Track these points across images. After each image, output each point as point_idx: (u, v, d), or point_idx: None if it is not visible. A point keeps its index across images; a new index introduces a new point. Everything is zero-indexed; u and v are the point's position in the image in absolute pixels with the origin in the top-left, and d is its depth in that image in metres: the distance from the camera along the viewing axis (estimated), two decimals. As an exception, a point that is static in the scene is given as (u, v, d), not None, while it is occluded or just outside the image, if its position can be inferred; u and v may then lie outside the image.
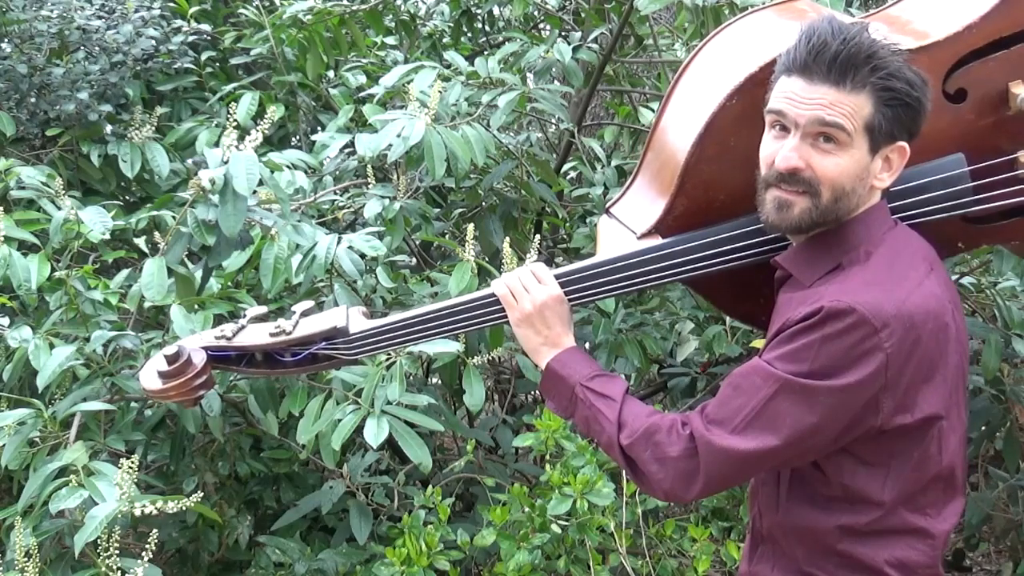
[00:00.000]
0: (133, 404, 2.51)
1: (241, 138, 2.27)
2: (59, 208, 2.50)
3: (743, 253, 1.67)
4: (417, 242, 3.21)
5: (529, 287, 1.69)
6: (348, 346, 1.81)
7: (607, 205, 1.88)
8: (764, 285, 1.66)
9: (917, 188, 1.65)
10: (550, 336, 1.68)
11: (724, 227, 1.68)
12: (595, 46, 3.31)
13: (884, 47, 1.46)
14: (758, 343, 2.82)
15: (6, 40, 3.28)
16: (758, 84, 1.59)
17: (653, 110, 3.57)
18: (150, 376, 1.81)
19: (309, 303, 1.88)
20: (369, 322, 1.82)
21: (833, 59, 1.44)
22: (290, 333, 1.80)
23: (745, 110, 1.62)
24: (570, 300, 1.71)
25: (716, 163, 1.66)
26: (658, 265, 1.71)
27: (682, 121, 1.73)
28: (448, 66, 3.15)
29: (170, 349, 1.78)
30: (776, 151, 1.49)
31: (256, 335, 1.83)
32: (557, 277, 1.71)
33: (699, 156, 1.66)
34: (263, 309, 1.89)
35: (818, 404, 1.43)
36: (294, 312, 1.83)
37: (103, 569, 2.02)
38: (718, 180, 1.67)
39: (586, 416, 1.63)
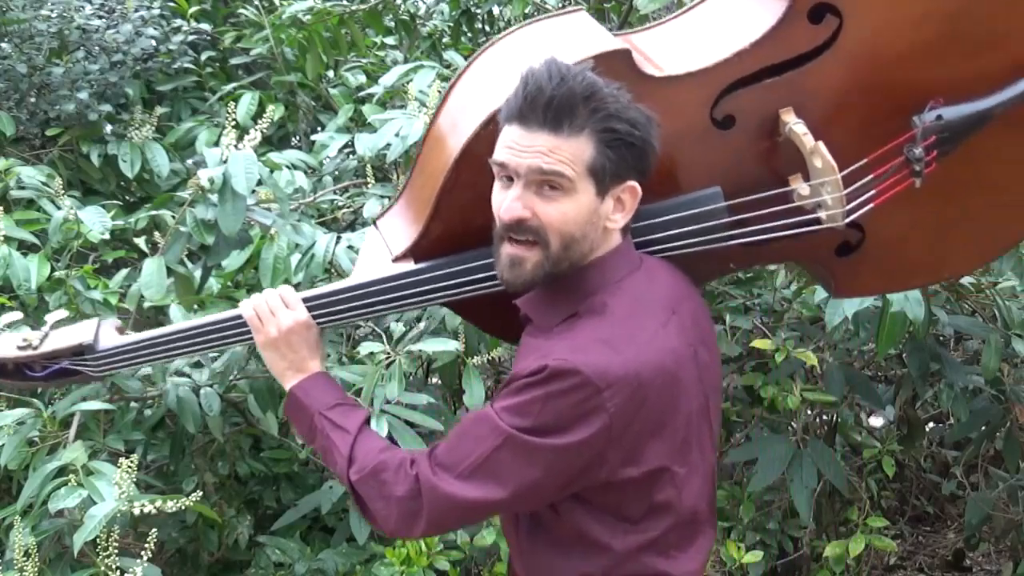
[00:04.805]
0: (133, 404, 2.51)
1: (240, 138, 2.27)
2: (59, 208, 2.49)
3: (495, 282, 1.60)
4: (417, 242, 3.20)
5: (276, 311, 1.66)
6: (96, 363, 1.77)
7: (375, 218, 1.83)
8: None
9: (673, 222, 1.61)
10: (295, 361, 1.66)
11: (477, 254, 1.63)
12: (595, 46, 3.30)
13: (603, 88, 1.41)
14: (759, 343, 2.82)
15: (6, 40, 3.27)
16: None
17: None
18: None
19: (62, 313, 1.82)
20: (119, 338, 1.79)
21: (547, 105, 1.39)
22: (36, 348, 1.75)
23: None
24: (320, 323, 1.69)
25: (473, 189, 1.57)
26: (409, 291, 1.68)
27: (443, 142, 1.66)
28: (448, 66, 3.14)
29: None
30: (502, 201, 1.46)
31: (4, 346, 1.77)
32: (305, 300, 1.68)
33: (455, 182, 1.60)
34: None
35: (540, 460, 1.42)
36: (46, 322, 1.79)
37: (102, 569, 2.02)
38: (475, 205, 1.58)
39: (324, 446, 1.61)
